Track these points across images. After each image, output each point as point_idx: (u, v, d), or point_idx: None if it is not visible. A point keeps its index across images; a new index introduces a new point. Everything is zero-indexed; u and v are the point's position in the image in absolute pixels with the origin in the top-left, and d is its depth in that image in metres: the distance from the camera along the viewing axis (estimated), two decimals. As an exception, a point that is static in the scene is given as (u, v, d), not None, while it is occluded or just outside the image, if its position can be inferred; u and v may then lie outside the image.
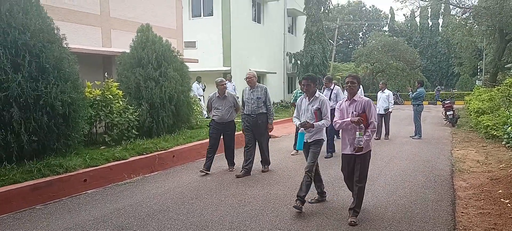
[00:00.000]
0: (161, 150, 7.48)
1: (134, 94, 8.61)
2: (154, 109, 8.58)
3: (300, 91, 8.62)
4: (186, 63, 10.08)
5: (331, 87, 8.60)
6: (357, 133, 4.20)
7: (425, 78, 35.77)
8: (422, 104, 11.40)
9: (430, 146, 9.66)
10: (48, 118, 5.83)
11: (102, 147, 7.34)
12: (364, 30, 51.84)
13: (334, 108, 4.85)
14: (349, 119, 4.30)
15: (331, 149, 8.39)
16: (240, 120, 7.15)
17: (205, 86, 15.90)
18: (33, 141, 5.73)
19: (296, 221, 4.43)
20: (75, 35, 9.72)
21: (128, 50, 9.05)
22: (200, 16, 19.53)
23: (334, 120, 4.55)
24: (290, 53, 24.89)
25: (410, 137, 11.23)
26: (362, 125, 4.17)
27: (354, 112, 4.27)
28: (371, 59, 30.92)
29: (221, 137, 6.93)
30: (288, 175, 6.67)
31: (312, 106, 4.86)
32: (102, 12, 11.11)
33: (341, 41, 44.52)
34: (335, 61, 37.17)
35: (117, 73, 9.17)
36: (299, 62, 24.50)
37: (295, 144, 7.95)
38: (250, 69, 6.68)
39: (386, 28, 49.87)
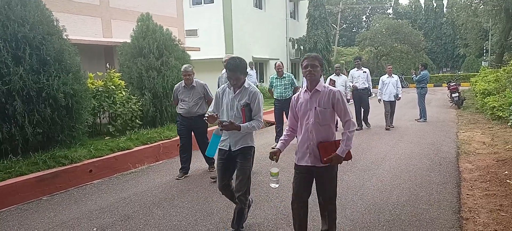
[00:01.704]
0: (165, 139, 7.50)
1: (136, 84, 8.61)
2: (157, 99, 8.57)
3: (276, 77, 7.91)
4: (188, 51, 10.03)
5: None
6: (272, 170, 3.20)
7: (430, 60, 35.51)
8: (426, 87, 11.30)
9: (435, 129, 9.60)
10: (51, 110, 5.84)
11: (107, 138, 7.37)
12: (367, 13, 51.32)
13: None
14: (276, 148, 3.20)
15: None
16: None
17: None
18: (37, 133, 5.76)
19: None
20: (75, 27, 9.70)
21: (129, 40, 9.02)
22: (201, 3, 19.40)
23: (287, 125, 3.36)
24: (292, 38, 24.72)
25: (415, 120, 11.17)
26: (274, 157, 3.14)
27: (318, 108, 3.06)
28: (375, 42, 30.68)
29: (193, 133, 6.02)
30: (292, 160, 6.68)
31: (239, 101, 3.55)
32: (101, 2, 11.05)
33: (344, 25, 44.13)
34: (338, 46, 36.90)
35: (119, 64, 9.16)
36: (302, 47, 24.36)
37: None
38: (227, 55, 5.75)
39: (390, 11, 49.38)
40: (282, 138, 3.31)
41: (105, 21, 11.18)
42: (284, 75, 7.84)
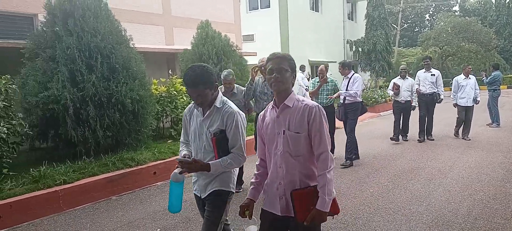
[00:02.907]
0: (223, 143, 7.63)
1: (196, 89, 8.89)
2: (216, 104, 8.80)
3: (318, 81, 6.81)
4: (245, 56, 10.20)
5: (349, 76, 6.92)
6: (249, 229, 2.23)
7: (503, 60, 32.64)
8: (499, 89, 10.39)
9: (510, 135, 8.80)
10: (119, 114, 6.23)
11: (169, 141, 7.70)
12: (431, 12, 48.62)
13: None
14: (247, 199, 2.29)
15: (350, 154, 6.65)
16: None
17: (310, 75, 15.13)
18: (107, 136, 6.18)
19: (364, 210, 4.28)
20: (140, 35, 10.27)
21: (189, 47, 9.37)
22: (257, 8, 19.62)
23: (257, 157, 2.40)
24: (350, 40, 24.12)
25: (487, 124, 10.33)
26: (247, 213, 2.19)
27: (288, 132, 2.10)
28: (439, 42, 28.85)
29: None
30: (352, 169, 6.48)
31: (209, 127, 2.52)
32: (164, 11, 11.60)
33: (405, 25, 42.16)
34: (399, 47, 35.32)
35: (180, 70, 9.55)
36: (360, 49, 23.69)
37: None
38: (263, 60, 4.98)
39: (456, 8, 46.25)
40: (252, 179, 2.36)
41: (168, 29, 11.72)
42: (328, 80, 6.80)
